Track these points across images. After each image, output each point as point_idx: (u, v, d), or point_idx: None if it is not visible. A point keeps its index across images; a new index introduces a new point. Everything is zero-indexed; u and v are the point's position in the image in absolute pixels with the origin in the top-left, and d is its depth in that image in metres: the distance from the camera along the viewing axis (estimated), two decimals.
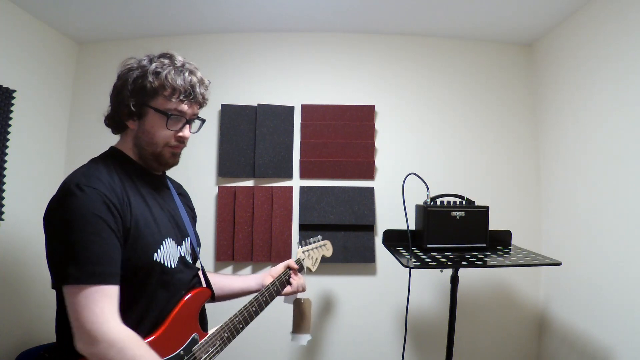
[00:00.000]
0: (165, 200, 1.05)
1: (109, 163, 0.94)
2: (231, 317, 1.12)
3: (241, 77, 2.18)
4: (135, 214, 0.90)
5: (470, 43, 2.23)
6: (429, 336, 2.09)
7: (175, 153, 1.01)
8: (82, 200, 0.81)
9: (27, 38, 1.88)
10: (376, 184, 2.16)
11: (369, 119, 2.17)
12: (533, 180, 2.18)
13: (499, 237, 1.71)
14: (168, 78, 0.93)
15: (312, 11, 1.98)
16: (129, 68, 0.96)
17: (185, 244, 1.04)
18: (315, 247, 1.61)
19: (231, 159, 2.13)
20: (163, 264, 0.92)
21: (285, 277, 1.35)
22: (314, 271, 1.60)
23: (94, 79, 2.21)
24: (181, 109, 0.96)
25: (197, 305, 1.03)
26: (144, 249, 0.89)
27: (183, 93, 0.95)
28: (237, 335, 1.11)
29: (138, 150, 0.99)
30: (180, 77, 0.95)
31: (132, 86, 0.94)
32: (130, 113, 0.95)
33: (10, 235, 1.75)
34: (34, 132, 1.94)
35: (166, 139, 0.97)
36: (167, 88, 0.93)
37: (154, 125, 0.95)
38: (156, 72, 0.93)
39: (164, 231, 0.96)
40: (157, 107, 0.94)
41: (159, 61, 0.95)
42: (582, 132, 1.81)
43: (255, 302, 1.19)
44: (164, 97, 0.94)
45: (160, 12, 1.97)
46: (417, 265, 1.35)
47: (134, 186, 0.95)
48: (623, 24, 1.56)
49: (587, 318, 1.73)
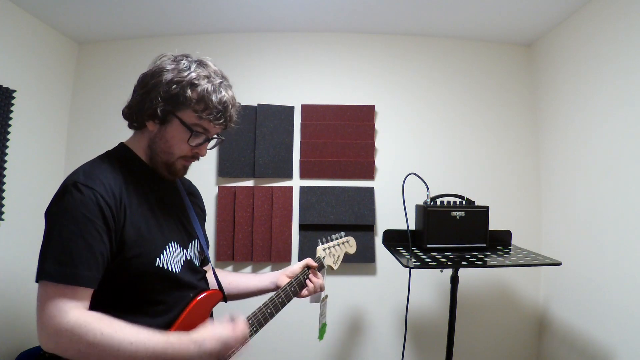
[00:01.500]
0: (173, 202, 1.03)
1: (115, 162, 0.92)
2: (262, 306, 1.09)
3: (241, 77, 2.18)
4: (136, 219, 0.87)
5: (470, 43, 2.23)
6: (429, 336, 2.09)
7: (186, 166, 0.99)
8: (75, 199, 0.80)
9: (27, 38, 1.88)
10: (376, 184, 2.16)
11: (369, 119, 2.17)
12: (533, 180, 2.18)
13: (499, 237, 1.71)
14: (205, 94, 0.89)
15: (312, 11, 1.98)
16: (163, 67, 0.90)
17: (192, 247, 1.02)
18: (337, 244, 1.51)
19: (231, 159, 2.13)
20: (167, 268, 0.90)
21: (304, 277, 1.25)
22: (336, 269, 1.49)
23: (94, 79, 2.21)
24: (207, 127, 0.93)
25: (208, 308, 1.01)
26: (145, 254, 0.87)
27: (215, 113, 0.91)
28: (250, 339, 1.06)
29: (151, 153, 0.96)
30: (217, 96, 0.90)
31: (165, 90, 0.88)
32: (154, 115, 0.91)
33: (10, 235, 1.75)
34: (34, 132, 1.94)
35: (183, 151, 0.94)
36: (201, 104, 0.89)
37: (174, 136, 0.92)
38: (193, 83, 0.88)
39: (167, 235, 0.94)
40: (184, 119, 0.90)
41: (196, 70, 0.90)
42: (582, 132, 1.81)
43: (270, 304, 1.11)
44: (194, 112, 0.90)
45: (160, 12, 1.97)
46: (417, 265, 1.35)
47: (139, 188, 0.92)
48: (623, 24, 1.56)
49: (587, 318, 1.73)
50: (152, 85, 0.90)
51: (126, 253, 0.84)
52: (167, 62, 0.92)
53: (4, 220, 1.72)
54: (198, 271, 1.03)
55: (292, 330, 2.07)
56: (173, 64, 0.91)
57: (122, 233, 0.84)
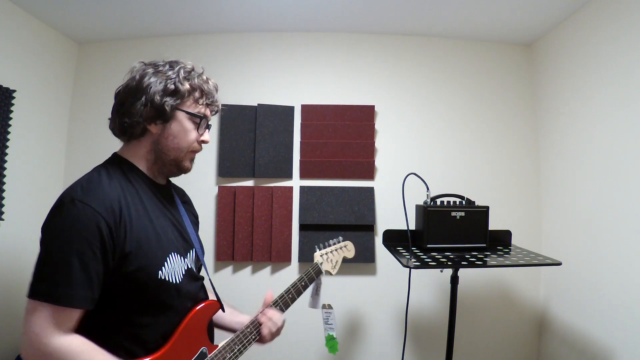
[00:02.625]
0: (171, 212, 1.02)
1: (113, 175, 0.90)
2: (242, 329, 1.07)
3: (241, 77, 2.18)
4: (137, 232, 0.86)
5: (470, 43, 2.23)
6: (429, 336, 2.09)
7: (193, 159, 1.02)
8: (71, 216, 0.78)
9: (27, 38, 1.88)
10: (376, 184, 2.16)
11: (369, 119, 2.17)
12: (533, 180, 2.18)
13: (499, 237, 1.71)
14: (199, 82, 0.96)
15: (312, 11, 1.98)
16: (144, 75, 0.92)
17: (190, 256, 1.02)
18: (334, 249, 1.54)
19: (231, 159, 2.13)
20: (169, 280, 0.90)
21: (254, 326, 1.11)
22: (335, 274, 1.51)
23: (94, 79, 2.21)
24: (205, 113, 0.99)
25: (206, 318, 1.01)
26: (147, 267, 0.86)
27: (210, 97, 0.99)
28: (249, 346, 1.07)
29: (156, 156, 0.96)
30: (206, 82, 0.99)
31: (162, 88, 0.91)
32: (156, 117, 0.92)
33: (10, 235, 1.75)
34: (34, 132, 1.94)
35: (191, 143, 0.97)
36: (198, 92, 0.96)
37: (181, 129, 0.95)
38: (186, 77, 0.94)
39: (168, 246, 0.93)
40: (189, 110, 0.95)
41: (179, 66, 0.96)
42: (581, 132, 1.81)
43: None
44: (194, 100, 0.96)
45: (160, 13, 1.97)
46: (417, 265, 1.35)
47: (138, 199, 0.91)
48: (623, 24, 1.56)
49: (587, 318, 1.73)
50: (143, 91, 0.91)
51: (128, 267, 0.83)
52: (143, 70, 0.94)
53: (4, 220, 1.72)
54: (197, 279, 1.03)
55: (292, 330, 2.07)
56: (150, 68, 0.94)
57: (123, 247, 0.83)
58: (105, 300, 0.83)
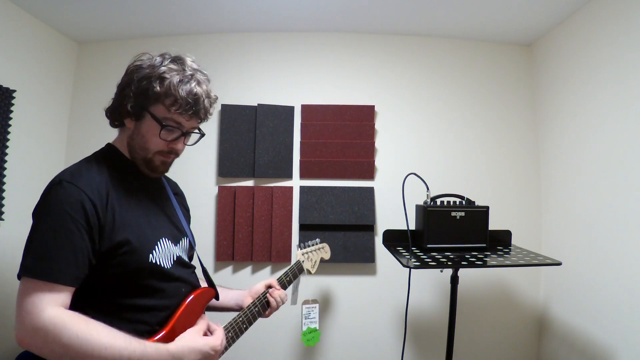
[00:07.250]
0: (162, 200, 1.05)
1: (102, 162, 0.93)
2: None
3: (241, 77, 2.18)
4: (126, 217, 0.88)
5: (470, 43, 2.23)
6: (429, 336, 2.09)
7: (166, 162, 0.99)
8: (58, 195, 0.81)
9: (27, 38, 1.88)
10: (376, 184, 2.16)
11: (369, 119, 2.17)
12: (533, 181, 2.18)
13: (499, 237, 1.71)
14: (171, 87, 0.89)
15: (312, 11, 1.98)
16: (139, 65, 0.93)
17: (182, 244, 1.04)
18: (313, 249, 1.62)
19: (231, 159, 2.13)
20: (159, 264, 0.91)
21: (264, 297, 1.23)
22: (314, 273, 1.61)
23: (94, 79, 2.21)
24: (179, 121, 0.93)
25: (202, 305, 1.03)
26: (138, 251, 0.87)
27: (184, 105, 0.91)
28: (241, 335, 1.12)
29: (130, 150, 0.97)
30: (186, 88, 0.90)
31: (137, 86, 0.90)
32: (129, 113, 0.93)
33: (10, 235, 1.75)
34: (34, 132, 1.94)
35: (159, 146, 0.94)
36: (169, 97, 0.90)
37: (148, 131, 0.93)
38: (162, 77, 0.89)
39: (159, 231, 0.95)
40: (155, 113, 0.91)
41: (168, 65, 0.91)
42: (581, 132, 1.81)
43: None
44: (164, 106, 0.91)
45: (160, 12, 1.97)
46: (417, 265, 1.35)
47: (127, 185, 0.93)
48: (623, 24, 1.56)
49: (587, 318, 1.73)
50: (127, 84, 0.93)
51: (118, 250, 0.84)
52: (143, 60, 0.94)
53: (4, 220, 1.72)
54: (188, 266, 1.05)
55: (292, 330, 2.07)
56: (148, 61, 0.93)
57: (112, 231, 0.84)
58: (97, 285, 0.84)
